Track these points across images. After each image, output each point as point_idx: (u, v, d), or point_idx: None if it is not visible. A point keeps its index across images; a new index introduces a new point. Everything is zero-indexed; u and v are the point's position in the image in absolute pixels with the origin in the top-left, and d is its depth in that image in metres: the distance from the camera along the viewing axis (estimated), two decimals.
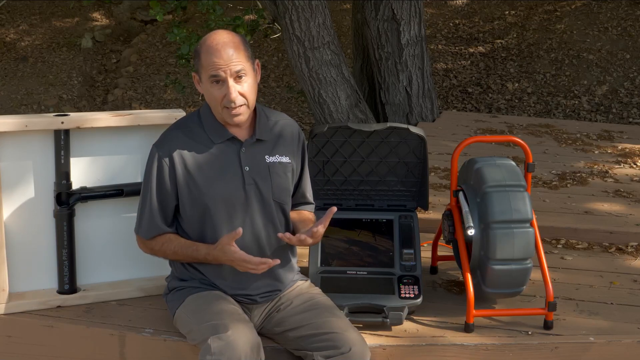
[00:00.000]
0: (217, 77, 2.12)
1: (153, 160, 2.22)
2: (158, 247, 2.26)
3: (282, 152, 2.29)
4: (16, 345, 2.48)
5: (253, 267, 2.10)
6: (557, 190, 3.96)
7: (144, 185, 2.25)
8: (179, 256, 2.24)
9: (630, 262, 3.10)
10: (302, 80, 5.67)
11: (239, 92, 2.13)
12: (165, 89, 8.64)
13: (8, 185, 2.44)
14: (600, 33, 8.30)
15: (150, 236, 2.26)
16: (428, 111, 6.13)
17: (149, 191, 2.23)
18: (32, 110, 8.42)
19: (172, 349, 2.35)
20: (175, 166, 2.20)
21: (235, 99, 2.12)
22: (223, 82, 2.12)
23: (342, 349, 2.08)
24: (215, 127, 2.23)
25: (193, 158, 2.20)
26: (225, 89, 2.12)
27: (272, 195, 2.25)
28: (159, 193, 2.22)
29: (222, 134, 2.23)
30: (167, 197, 2.23)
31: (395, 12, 5.92)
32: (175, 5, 6.26)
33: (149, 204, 2.23)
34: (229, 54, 2.11)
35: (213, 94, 2.15)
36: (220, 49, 2.11)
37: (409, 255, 2.60)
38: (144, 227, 2.26)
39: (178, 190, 2.22)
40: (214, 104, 2.18)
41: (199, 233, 2.24)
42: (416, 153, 2.66)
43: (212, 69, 2.12)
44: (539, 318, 2.48)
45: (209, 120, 2.24)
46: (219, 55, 2.11)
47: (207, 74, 2.14)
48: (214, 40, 2.14)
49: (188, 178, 2.20)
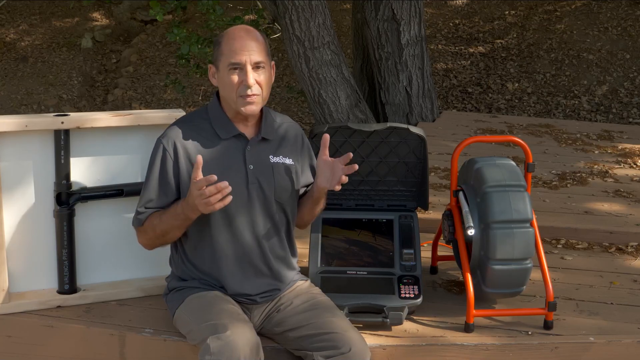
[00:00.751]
0: (237, 65, 2.15)
1: (157, 152, 2.22)
2: (148, 223, 2.22)
3: (285, 154, 2.30)
4: (16, 345, 2.48)
5: (206, 190, 2.00)
6: (557, 190, 3.96)
7: (146, 176, 2.24)
8: (164, 221, 2.19)
9: (630, 262, 3.10)
10: (302, 80, 5.67)
11: (256, 80, 2.16)
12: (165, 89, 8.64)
13: (8, 185, 2.44)
14: (600, 33, 8.30)
15: (142, 222, 2.24)
16: (428, 111, 6.13)
17: (150, 181, 2.22)
18: (32, 110, 8.42)
19: (172, 349, 2.35)
20: (179, 159, 2.20)
21: (253, 84, 2.15)
22: (242, 70, 2.15)
23: (342, 349, 2.08)
24: (223, 123, 2.24)
25: (198, 152, 2.20)
26: (244, 75, 2.15)
27: (274, 195, 2.25)
28: (160, 184, 2.22)
29: (230, 129, 2.23)
30: (169, 190, 2.22)
31: (395, 12, 5.92)
32: (175, 5, 6.26)
33: (148, 193, 2.22)
34: (251, 44, 2.16)
35: (230, 81, 2.16)
36: (243, 38, 2.16)
37: (409, 255, 2.60)
38: (141, 216, 2.24)
39: (180, 183, 2.22)
40: (229, 92, 2.18)
41: (198, 229, 2.24)
42: (416, 153, 2.66)
43: (233, 56, 2.15)
44: (539, 318, 2.48)
45: (217, 116, 2.25)
46: (242, 43, 2.15)
47: (226, 61, 2.16)
48: (238, 31, 2.19)
49: (192, 171, 2.20)
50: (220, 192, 2.02)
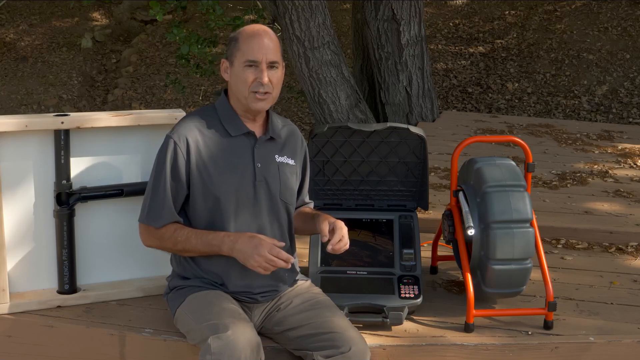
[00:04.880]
0: (253, 62, 2.18)
1: (168, 148, 2.21)
2: (169, 234, 2.21)
3: (289, 155, 2.33)
4: (16, 345, 2.48)
5: (274, 258, 2.08)
6: (557, 190, 3.96)
7: (155, 173, 2.23)
8: (191, 243, 2.20)
9: (630, 262, 3.10)
10: (302, 80, 5.67)
11: (270, 79, 2.20)
12: (165, 89, 8.64)
13: (8, 185, 2.44)
14: (600, 33, 8.30)
15: (162, 224, 2.21)
16: (428, 111, 6.13)
17: (163, 178, 2.20)
18: (32, 110, 8.42)
19: (172, 349, 2.35)
20: (190, 155, 2.20)
21: (267, 82, 2.19)
22: (257, 67, 2.19)
23: (342, 349, 2.09)
24: (233, 120, 2.25)
25: (208, 148, 2.21)
26: (259, 72, 2.18)
27: (280, 194, 2.27)
28: (172, 181, 2.21)
29: (239, 127, 2.25)
30: (180, 186, 2.22)
31: (395, 12, 5.92)
32: (175, 5, 6.26)
33: (162, 191, 2.21)
34: (268, 44, 2.20)
35: (245, 77, 2.19)
36: (261, 36, 2.20)
37: (409, 255, 2.60)
38: (156, 215, 2.21)
39: (190, 179, 2.22)
40: (242, 88, 2.20)
41: (206, 224, 2.23)
42: (416, 153, 2.66)
43: (251, 54, 2.18)
44: (539, 318, 2.48)
45: (227, 113, 2.26)
46: (260, 42, 2.19)
47: (243, 58, 2.19)
48: (257, 29, 2.23)
49: (202, 167, 2.20)
50: (280, 260, 2.08)
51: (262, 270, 2.10)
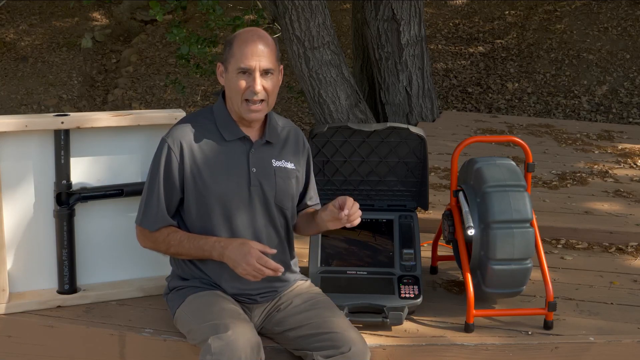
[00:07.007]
0: (246, 69, 2.15)
1: (162, 152, 2.21)
2: (162, 237, 2.23)
3: (288, 158, 2.30)
4: (16, 345, 2.48)
5: (262, 268, 2.08)
6: (557, 190, 3.96)
7: (150, 176, 2.24)
8: (184, 247, 2.21)
9: (630, 262, 3.10)
10: (302, 80, 5.67)
11: (263, 86, 2.16)
12: (165, 89, 8.64)
13: (8, 185, 2.44)
14: (600, 33, 8.30)
15: (156, 227, 2.23)
16: (428, 111, 6.13)
17: (157, 182, 2.21)
18: (32, 110, 8.42)
19: (172, 349, 2.35)
20: (184, 159, 2.20)
21: (260, 91, 2.15)
22: (250, 75, 2.15)
23: (342, 349, 2.09)
24: (228, 124, 2.24)
25: (202, 152, 2.20)
26: (251, 81, 2.15)
27: (275, 199, 2.26)
28: (166, 184, 2.21)
29: (235, 132, 2.23)
30: (174, 189, 2.22)
31: (395, 12, 5.92)
32: (175, 5, 6.26)
33: (157, 194, 2.21)
34: (262, 50, 2.15)
35: (237, 84, 2.16)
36: (255, 42, 2.16)
37: (409, 255, 2.60)
38: (150, 219, 2.23)
39: (184, 183, 2.22)
40: (235, 95, 2.18)
41: (200, 228, 2.23)
42: (416, 153, 2.66)
43: (243, 61, 2.14)
44: (539, 318, 2.48)
45: (222, 117, 2.25)
46: (253, 48, 2.15)
47: (236, 64, 2.16)
48: (251, 34, 2.18)
49: (195, 172, 2.20)
50: (268, 269, 2.07)
51: (251, 277, 2.10)
